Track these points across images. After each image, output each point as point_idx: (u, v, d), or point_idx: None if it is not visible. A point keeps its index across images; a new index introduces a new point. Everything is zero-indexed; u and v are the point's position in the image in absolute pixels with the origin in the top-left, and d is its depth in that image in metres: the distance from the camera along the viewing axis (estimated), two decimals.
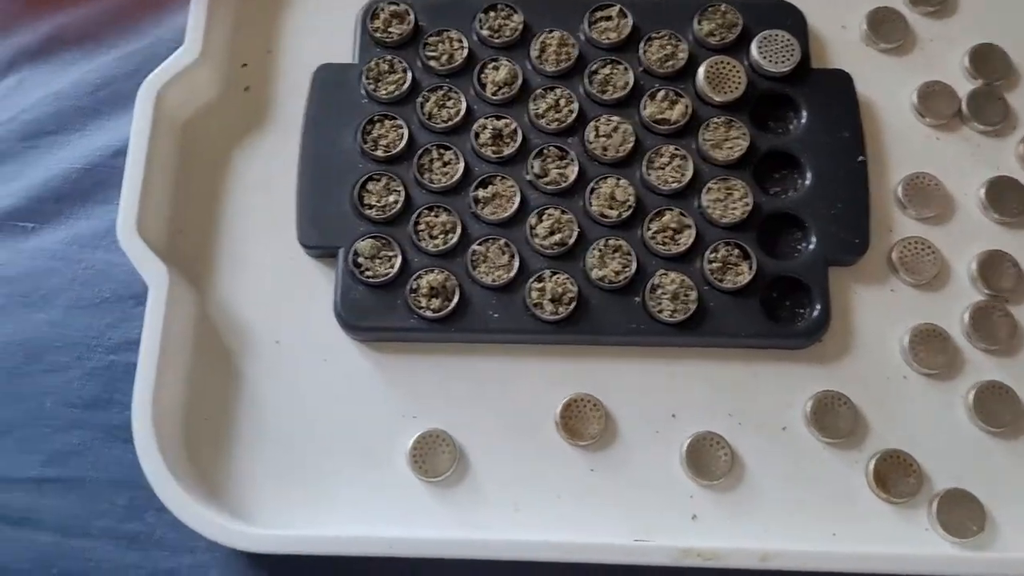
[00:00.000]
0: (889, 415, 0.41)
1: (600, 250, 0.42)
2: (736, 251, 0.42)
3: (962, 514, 0.39)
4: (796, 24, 0.46)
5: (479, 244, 0.42)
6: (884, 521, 0.40)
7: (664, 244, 0.42)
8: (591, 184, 0.43)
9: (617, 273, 0.42)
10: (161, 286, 0.41)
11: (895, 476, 0.40)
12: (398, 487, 0.41)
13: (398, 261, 0.42)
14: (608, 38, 0.46)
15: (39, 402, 0.43)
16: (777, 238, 0.44)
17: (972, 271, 0.43)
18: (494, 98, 0.45)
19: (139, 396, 0.40)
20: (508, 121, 0.44)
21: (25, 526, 0.42)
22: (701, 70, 0.44)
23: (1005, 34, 0.47)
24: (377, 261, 0.42)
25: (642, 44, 0.45)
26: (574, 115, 0.44)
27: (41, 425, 0.43)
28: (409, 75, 0.45)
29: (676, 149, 0.44)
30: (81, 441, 0.43)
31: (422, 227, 0.43)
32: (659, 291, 0.42)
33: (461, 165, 0.43)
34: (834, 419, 0.41)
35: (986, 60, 0.46)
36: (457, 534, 0.40)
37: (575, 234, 0.42)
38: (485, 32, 0.46)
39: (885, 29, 0.47)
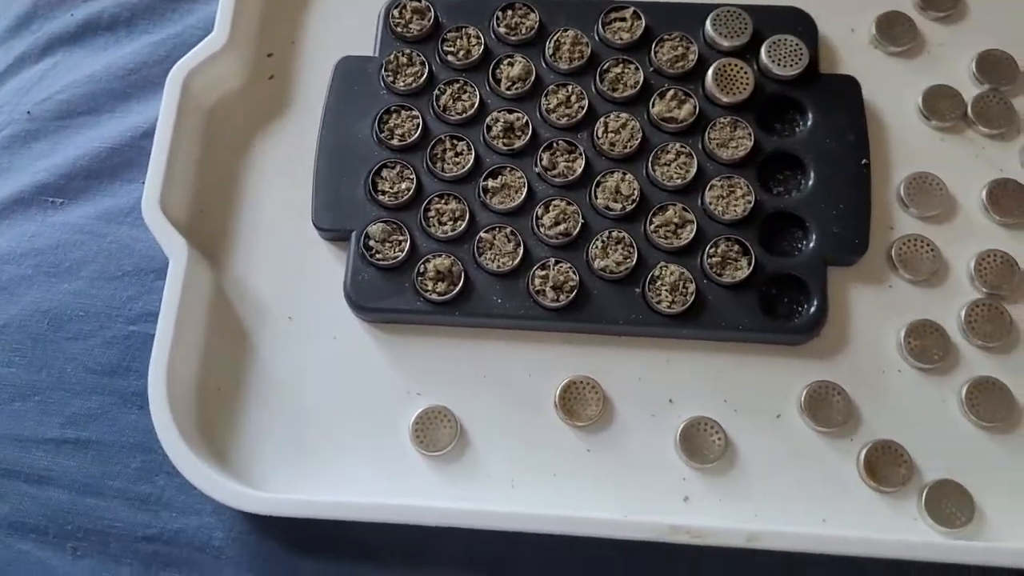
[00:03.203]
0: (882, 407, 0.46)
1: (603, 241, 0.47)
2: (736, 247, 0.47)
3: (951, 505, 0.43)
4: (806, 29, 0.51)
5: (486, 232, 0.48)
6: (874, 509, 0.44)
7: (666, 238, 0.47)
8: (597, 178, 0.49)
9: (618, 264, 0.47)
10: (181, 260, 0.47)
11: (886, 466, 0.44)
12: (400, 460, 0.46)
13: (407, 245, 0.48)
14: (621, 38, 0.51)
15: (61, 368, 0.49)
16: (779, 237, 0.48)
17: (971, 269, 0.47)
18: (508, 93, 0.50)
19: (155, 364, 0.45)
20: (520, 115, 0.50)
21: (43, 484, 0.47)
22: (710, 71, 0.50)
23: (1013, 41, 0.52)
24: (387, 245, 0.48)
25: (654, 45, 0.51)
26: (584, 111, 0.50)
27: (62, 389, 0.49)
28: (426, 68, 0.51)
29: (682, 147, 0.49)
30: (99, 406, 0.49)
31: (432, 214, 0.48)
32: (658, 283, 0.46)
33: (472, 156, 0.49)
34: (827, 409, 0.45)
35: (994, 66, 0.51)
36: (457, 505, 0.44)
37: (579, 225, 0.48)
38: (502, 30, 0.52)
39: (894, 32, 0.52)
